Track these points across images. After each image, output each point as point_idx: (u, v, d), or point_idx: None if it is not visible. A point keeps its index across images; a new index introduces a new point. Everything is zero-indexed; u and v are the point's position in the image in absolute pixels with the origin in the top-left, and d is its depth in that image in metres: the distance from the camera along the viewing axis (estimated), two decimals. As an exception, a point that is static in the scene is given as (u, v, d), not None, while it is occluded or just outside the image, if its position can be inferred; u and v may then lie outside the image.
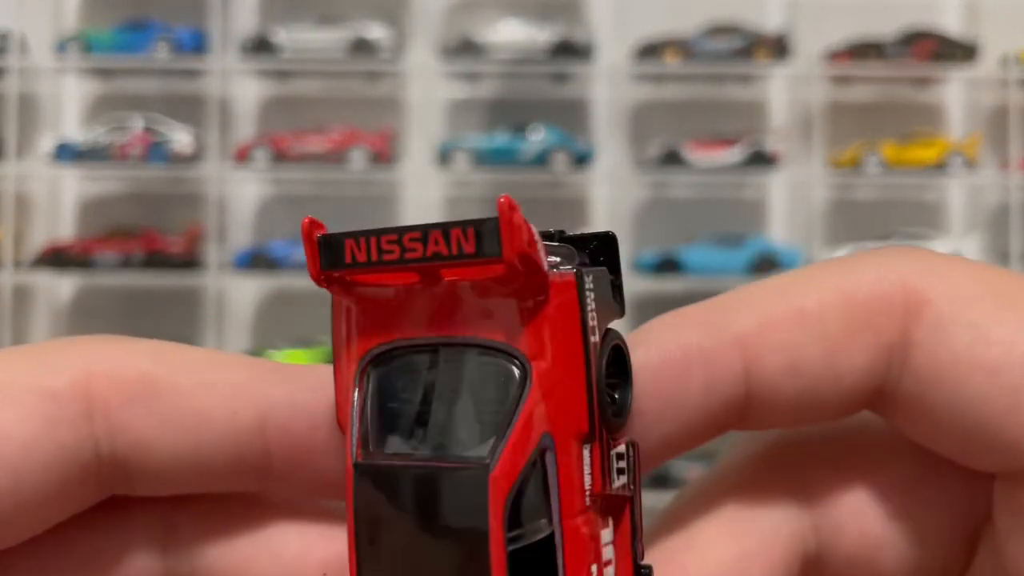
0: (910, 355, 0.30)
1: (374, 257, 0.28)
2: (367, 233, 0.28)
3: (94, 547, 0.33)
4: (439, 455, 0.28)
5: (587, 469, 0.29)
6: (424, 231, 0.27)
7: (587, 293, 0.29)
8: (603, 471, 0.29)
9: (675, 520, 0.33)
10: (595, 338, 0.29)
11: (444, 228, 0.27)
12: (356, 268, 0.28)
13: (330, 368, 0.31)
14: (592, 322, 0.29)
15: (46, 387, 0.30)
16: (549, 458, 0.28)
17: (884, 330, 0.30)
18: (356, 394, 0.29)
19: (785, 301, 0.31)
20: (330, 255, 0.28)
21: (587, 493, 0.28)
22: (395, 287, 0.29)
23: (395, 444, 0.28)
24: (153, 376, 0.31)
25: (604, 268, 0.31)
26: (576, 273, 0.28)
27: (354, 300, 0.30)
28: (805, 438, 0.34)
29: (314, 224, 0.29)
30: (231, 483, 0.32)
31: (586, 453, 0.29)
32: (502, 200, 0.26)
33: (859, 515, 0.32)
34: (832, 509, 0.33)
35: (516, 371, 0.28)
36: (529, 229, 0.27)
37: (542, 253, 0.27)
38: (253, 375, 0.32)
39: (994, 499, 0.30)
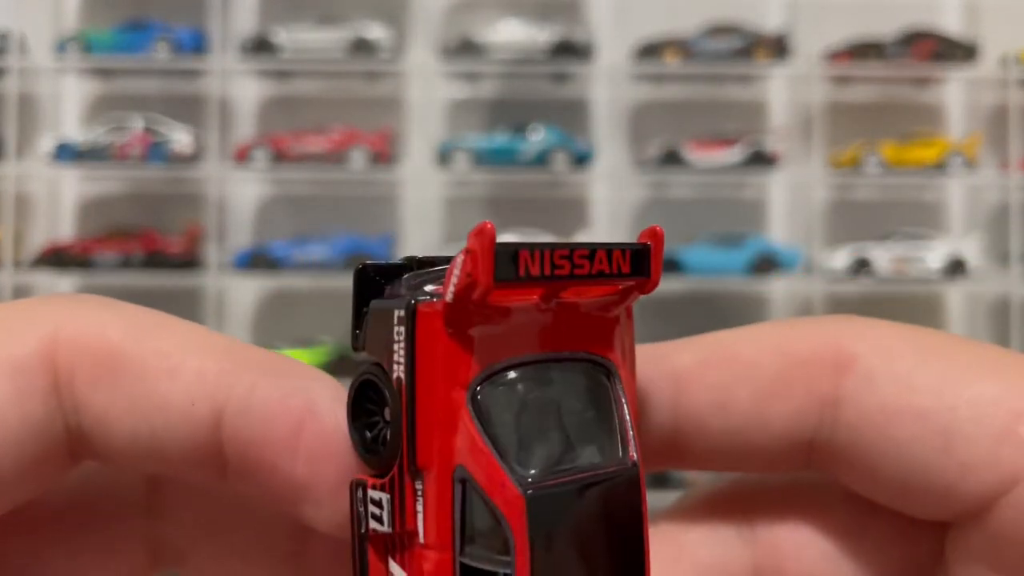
0: (841, 408, 0.31)
1: (547, 271, 0.28)
2: (537, 246, 0.28)
3: (82, 514, 0.33)
4: (593, 464, 0.29)
5: None
6: (592, 249, 0.29)
7: None
8: None
9: None
10: None
11: (608, 249, 0.29)
12: (527, 282, 0.28)
13: (312, 369, 0.31)
14: None
15: (13, 358, 0.29)
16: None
17: (815, 383, 0.31)
18: (472, 416, 0.28)
19: (724, 347, 0.33)
20: (505, 266, 0.27)
21: None
22: (514, 306, 0.29)
23: (545, 460, 0.29)
24: (120, 351, 0.30)
25: None
26: None
27: (484, 318, 0.28)
28: (757, 481, 0.36)
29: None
30: (191, 473, 0.31)
31: None
32: (658, 229, 0.31)
33: (799, 558, 0.33)
34: (773, 550, 0.34)
35: (607, 378, 0.30)
36: None
37: None
38: (224, 365, 0.30)
39: (947, 548, 0.31)
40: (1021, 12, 2.91)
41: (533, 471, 0.28)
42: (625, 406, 0.30)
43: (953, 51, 2.89)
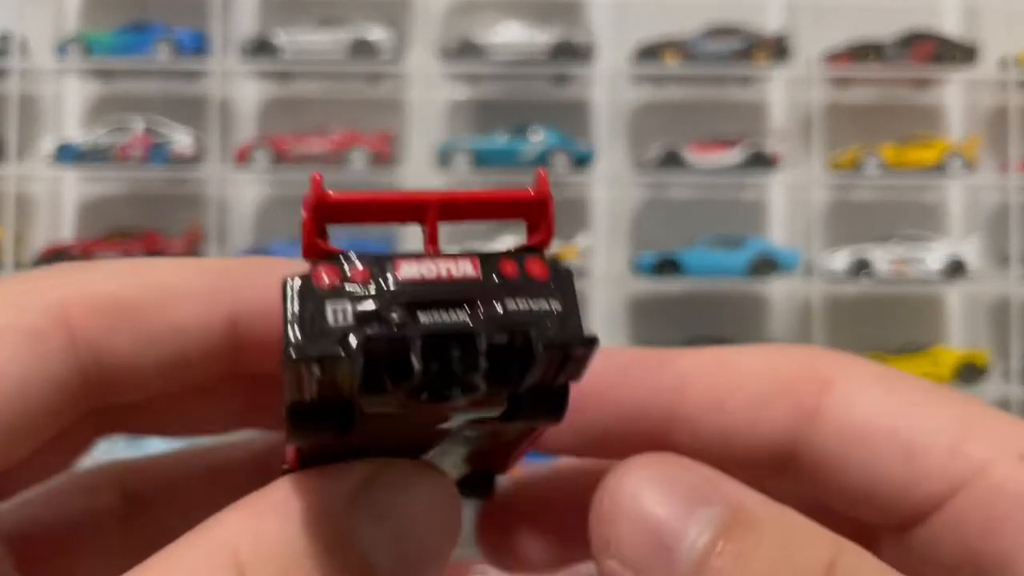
0: (820, 421, 0.36)
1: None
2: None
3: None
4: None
5: None
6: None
7: None
8: None
9: None
10: None
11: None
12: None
13: (297, 262, 0.32)
14: None
15: (28, 325, 0.31)
16: None
17: (800, 398, 0.36)
18: None
19: (722, 356, 0.38)
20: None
21: None
22: None
23: None
24: (124, 298, 0.33)
25: None
26: None
27: None
28: None
29: None
30: (209, 379, 0.35)
31: None
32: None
33: None
34: None
35: None
36: None
37: None
38: (224, 281, 0.34)
39: (889, 553, 0.36)
40: (1021, 14, 2.91)
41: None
42: None
43: (952, 53, 2.89)
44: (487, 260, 0.30)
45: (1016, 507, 0.33)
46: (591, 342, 0.29)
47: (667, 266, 2.84)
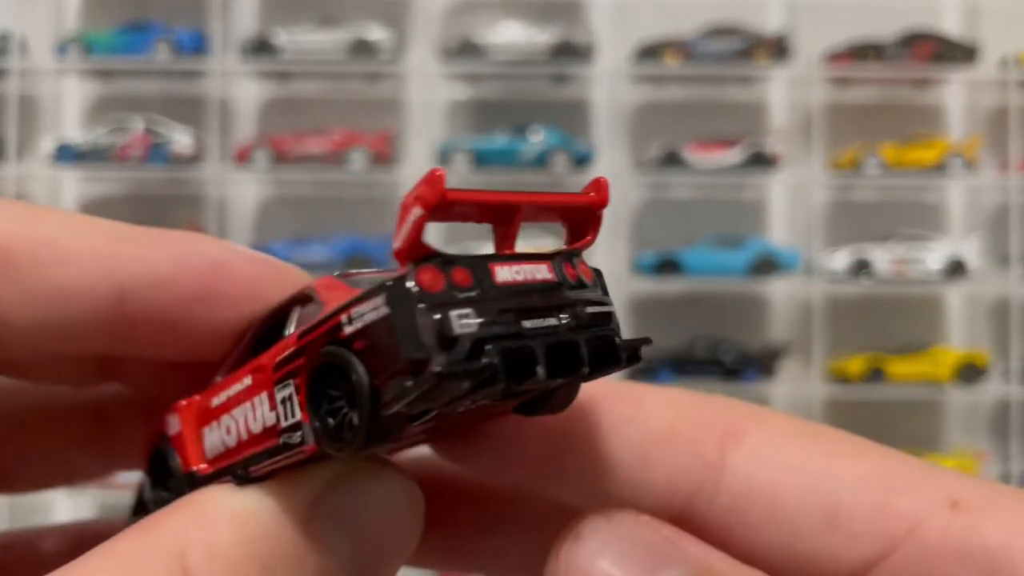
0: (726, 476, 0.34)
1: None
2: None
3: None
4: None
5: None
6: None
7: None
8: None
9: None
10: None
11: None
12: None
13: (198, 235, 0.33)
14: None
15: None
16: None
17: (701, 447, 0.34)
18: None
19: (631, 388, 0.37)
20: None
21: None
22: None
23: None
24: (9, 248, 0.31)
25: None
26: None
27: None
28: None
29: None
30: (93, 347, 0.33)
31: None
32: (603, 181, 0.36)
33: None
34: None
35: None
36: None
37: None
38: (115, 246, 0.33)
39: None
40: (1021, 14, 2.91)
41: None
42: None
43: (953, 53, 2.89)
44: (555, 263, 0.33)
45: (956, 562, 0.31)
46: (648, 341, 0.34)
47: (667, 266, 2.84)
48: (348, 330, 0.30)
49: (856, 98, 2.99)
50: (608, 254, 2.87)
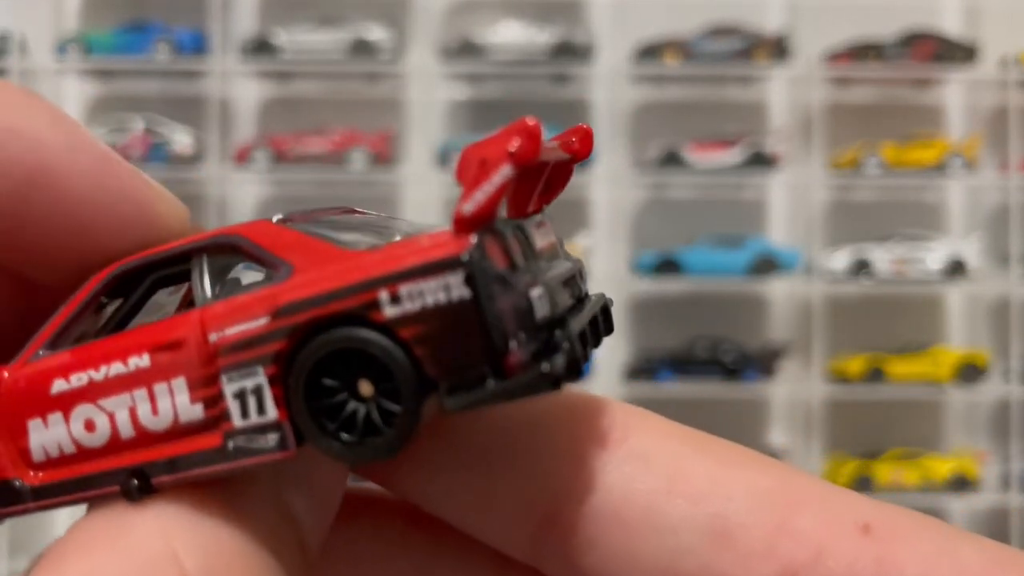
0: (597, 476, 0.30)
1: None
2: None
3: None
4: None
5: None
6: None
7: None
8: None
9: None
10: None
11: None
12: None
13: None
14: None
15: None
16: None
17: (577, 443, 0.31)
18: None
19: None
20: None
21: None
22: None
23: None
24: None
25: None
26: None
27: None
28: None
29: None
30: None
31: None
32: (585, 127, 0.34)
33: None
34: None
35: None
36: None
37: None
38: (31, 120, 0.30)
39: None
40: (1021, 13, 2.91)
41: None
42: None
43: (953, 52, 2.89)
44: (549, 220, 0.32)
45: None
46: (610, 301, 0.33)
47: (667, 266, 2.84)
48: (391, 312, 0.25)
49: (856, 98, 2.99)
50: (608, 254, 2.87)
